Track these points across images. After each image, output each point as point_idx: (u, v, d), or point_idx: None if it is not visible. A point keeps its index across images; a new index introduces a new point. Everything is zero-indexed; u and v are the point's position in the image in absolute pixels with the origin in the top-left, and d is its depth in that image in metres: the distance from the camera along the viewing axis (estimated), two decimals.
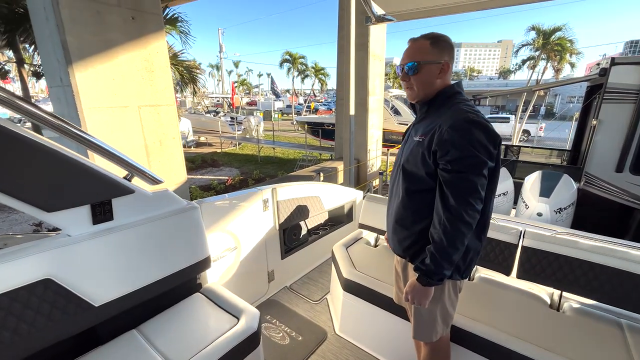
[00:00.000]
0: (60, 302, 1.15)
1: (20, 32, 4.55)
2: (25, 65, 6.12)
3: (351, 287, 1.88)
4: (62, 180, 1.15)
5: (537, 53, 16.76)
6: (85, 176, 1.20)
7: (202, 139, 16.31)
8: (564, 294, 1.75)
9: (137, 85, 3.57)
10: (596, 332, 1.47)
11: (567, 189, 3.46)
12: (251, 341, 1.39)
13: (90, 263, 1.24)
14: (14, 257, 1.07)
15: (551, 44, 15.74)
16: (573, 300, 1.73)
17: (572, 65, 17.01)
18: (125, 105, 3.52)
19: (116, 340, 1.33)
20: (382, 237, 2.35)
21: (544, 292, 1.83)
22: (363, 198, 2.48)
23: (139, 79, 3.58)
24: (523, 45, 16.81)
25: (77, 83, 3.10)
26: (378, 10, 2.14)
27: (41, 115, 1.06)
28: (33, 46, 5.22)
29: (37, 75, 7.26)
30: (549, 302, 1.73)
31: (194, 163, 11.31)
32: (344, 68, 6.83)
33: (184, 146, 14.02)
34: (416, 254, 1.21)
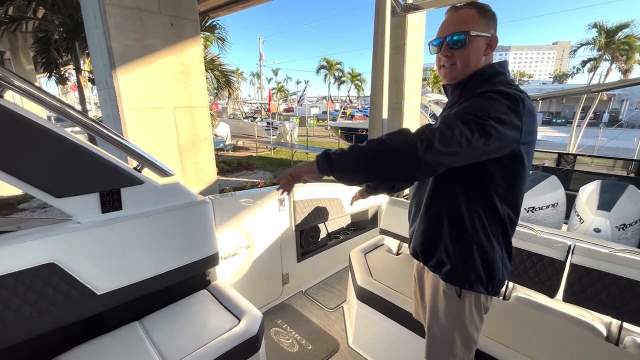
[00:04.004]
0: (63, 287, 1.17)
1: (80, 42, 5.09)
2: (86, 73, 6.82)
3: (366, 297, 1.73)
4: (72, 167, 1.17)
5: (599, 53, 15.10)
6: (95, 164, 1.22)
7: (240, 143, 16.96)
8: (625, 325, 1.44)
9: (173, 87, 3.75)
10: None
11: (633, 202, 2.96)
12: (250, 345, 1.31)
13: (96, 251, 1.25)
14: (22, 239, 1.10)
15: (616, 43, 14.10)
16: (637, 334, 1.42)
17: None
18: (162, 107, 3.71)
19: (117, 330, 1.32)
20: (405, 244, 2.17)
21: (599, 320, 1.52)
22: None
23: (175, 81, 3.76)
24: (582, 45, 15.26)
25: (119, 85, 3.32)
26: (406, 0, 2.01)
27: (49, 101, 1.09)
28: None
29: (94, 82, 8.10)
30: (605, 333, 1.43)
31: (230, 166, 11.73)
32: (378, 71, 6.68)
33: (222, 149, 14.69)
34: (431, 252, 1.06)
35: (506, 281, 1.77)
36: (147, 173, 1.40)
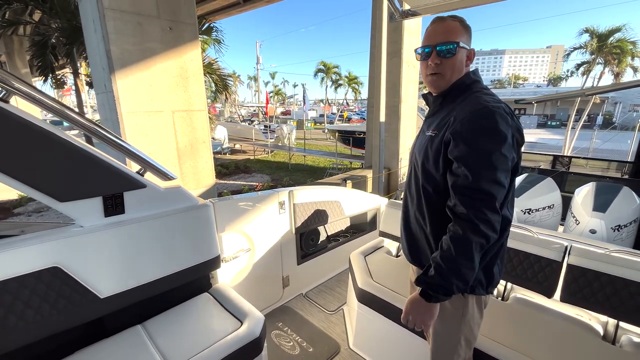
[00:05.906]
0: (66, 291, 1.17)
1: (78, 46, 5.09)
2: (82, 77, 6.81)
3: (366, 299, 1.74)
4: (75, 171, 1.18)
5: (592, 57, 15.33)
6: (98, 168, 1.22)
7: (237, 146, 16.96)
8: (621, 324, 1.46)
9: (172, 91, 3.76)
10: None
11: (628, 203, 3.01)
12: (253, 347, 1.31)
13: (99, 255, 1.26)
14: (25, 243, 1.10)
15: (608, 47, 14.32)
16: (633, 333, 1.44)
17: (636, 69, 15.32)
18: (161, 110, 3.72)
19: (120, 334, 1.32)
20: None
21: (596, 320, 1.55)
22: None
23: (173, 85, 3.77)
24: (575, 49, 15.48)
25: (117, 89, 3.33)
26: (403, 6, 2.05)
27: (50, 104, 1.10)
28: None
29: (91, 85, 8.10)
30: (601, 332, 1.45)
31: (228, 169, 11.72)
32: (375, 74, 6.74)
33: (220, 153, 14.67)
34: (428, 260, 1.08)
35: (504, 282, 1.79)
36: (149, 177, 1.41)
